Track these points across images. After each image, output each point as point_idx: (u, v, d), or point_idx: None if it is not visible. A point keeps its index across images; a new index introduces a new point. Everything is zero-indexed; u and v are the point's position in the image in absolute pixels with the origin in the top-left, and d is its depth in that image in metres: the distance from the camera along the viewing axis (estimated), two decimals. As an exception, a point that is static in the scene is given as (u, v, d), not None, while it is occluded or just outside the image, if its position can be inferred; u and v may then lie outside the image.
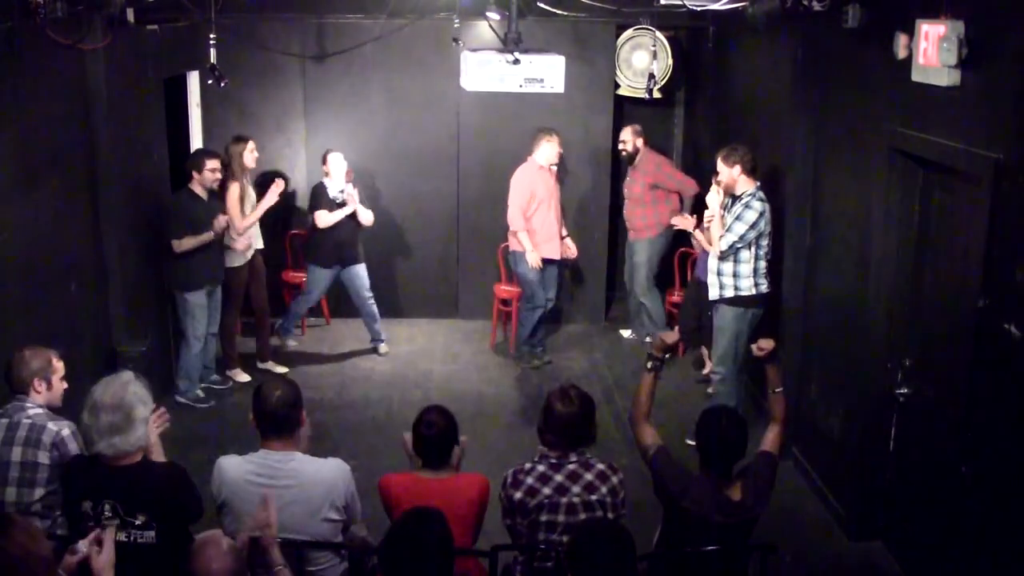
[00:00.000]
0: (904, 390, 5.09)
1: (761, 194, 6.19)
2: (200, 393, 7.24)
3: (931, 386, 4.88)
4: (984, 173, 4.10)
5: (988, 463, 4.13)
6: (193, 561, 3.05)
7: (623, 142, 8.21)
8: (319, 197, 7.79)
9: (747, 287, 6.22)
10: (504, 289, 8.43)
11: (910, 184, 5.02)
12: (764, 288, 6.26)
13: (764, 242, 6.20)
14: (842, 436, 5.67)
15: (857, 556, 5.39)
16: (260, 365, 7.84)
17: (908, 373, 5.08)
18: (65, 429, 3.92)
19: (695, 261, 7.64)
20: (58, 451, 3.91)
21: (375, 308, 8.14)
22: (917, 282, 5.06)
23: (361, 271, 8.01)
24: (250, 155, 7.47)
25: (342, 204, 7.74)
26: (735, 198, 6.27)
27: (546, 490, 3.82)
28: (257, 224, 7.59)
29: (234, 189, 7.38)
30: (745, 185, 6.22)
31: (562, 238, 7.96)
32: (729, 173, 6.22)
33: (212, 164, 6.97)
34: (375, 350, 8.25)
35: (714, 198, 6.39)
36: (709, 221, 6.43)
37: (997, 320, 3.98)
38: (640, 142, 8.15)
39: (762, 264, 6.23)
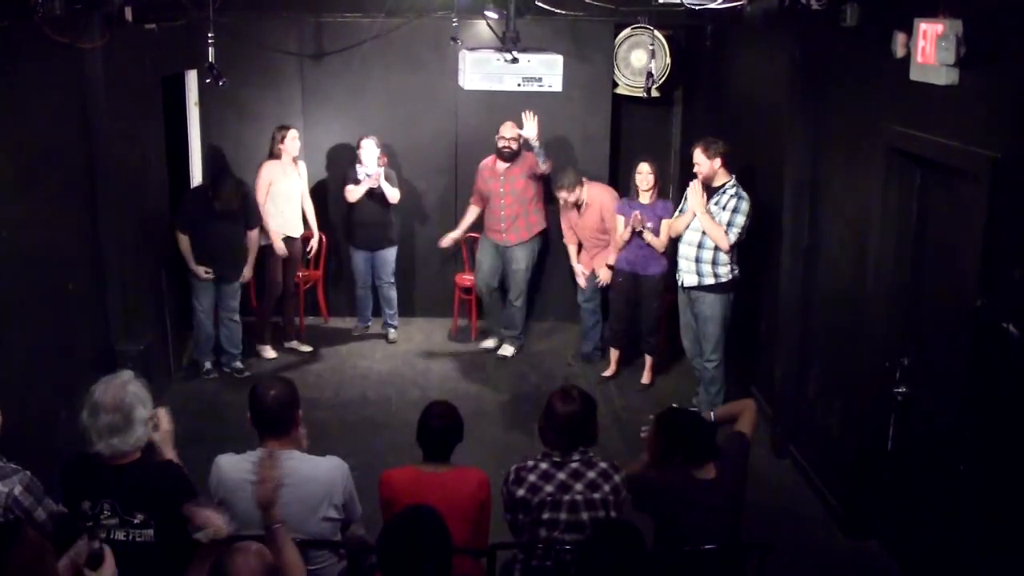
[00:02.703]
0: (902, 389, 5.09)
1: (739, 185, 6.53)
2: (208, 365, 7.60)
3: (929, 385, 4.89)
4: (982, 172, 4.11)
5: (986, 462, 4.13)
6: (223, 570, 3.02)
7: (510, 139, 7.78)
8: (347, 177, 8.03)
9: (725, 273, 6.58)
10: (466, 278, 8.55)
11: (908, 183, 5.02)
12: (737, 272, 6.61)
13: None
14: (840, 435, 5.67)
15: (855, 555, 5.39)
16: (286, 344, 8.18)
17: (906, 372, 5.08)
18: (16, 487, 3.56)
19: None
20: (12, 513, 3.60)
21: (392, 292, 8.29)
22: (915, 281, 5.06)
23: (387, 255, 8.15)
24: (292, 142, 7.77)
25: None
26: (713, 190, 6.53)
27: (548, 488, 3.83)
28: (298, 213, 7.94)
29: (264, 173, 7.75)
30: (723, 176, 6.53)
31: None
32: (710, 165, 6.49)
33: (226, 194, 7.19)
34: (385, 336, 8.43)
35: (695, 194, 6.54)
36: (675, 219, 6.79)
37: (995, 319, 3.98)
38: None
39: (735, 250, 6.55)
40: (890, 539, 5.32)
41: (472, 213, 8.22)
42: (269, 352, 8.05)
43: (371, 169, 7.84)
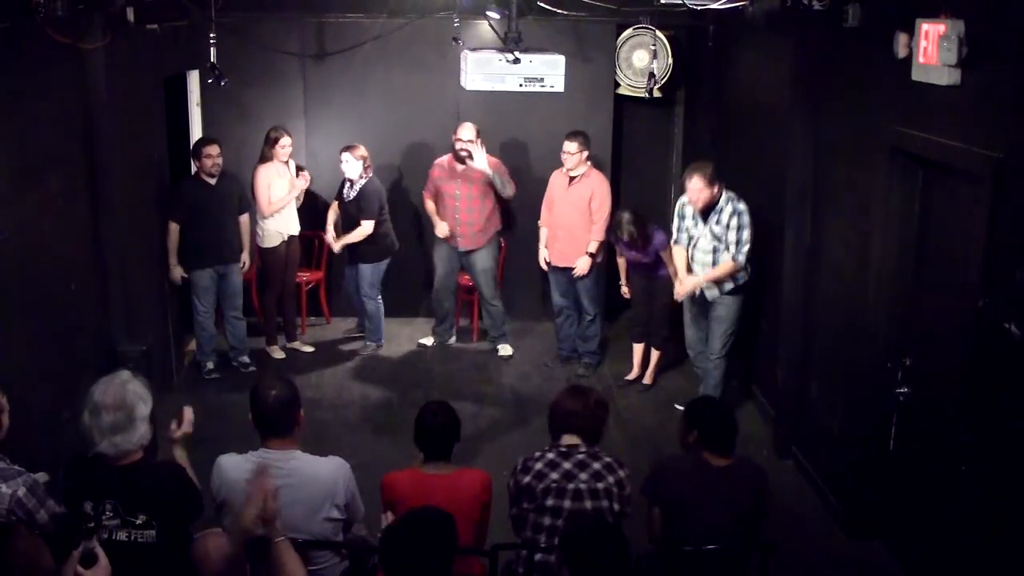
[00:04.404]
0: (904, 389, 5.09)
1: (731, 192, 6.47)
2: (210, 365, 7.61)
3: (931, 385, 4.89)
4: (984, 172, 4.10)
5: (987, 462, 4.13)
6: (192, 552, 3.04)
7: (467, 142, 7.68)
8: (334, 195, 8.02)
9: (742, 276, 6.60)
10: (467, 278, 8.48)
11: (910, 183, 5.02)
12: (751, 271, 6.62)
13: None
14: (842, 435, 5.67)
15: (857, 555, 5.39)
16: (287, 345, 8.18)
17: (908, 372, 5.08)
18: (20, 488, 3.55)
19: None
20: (16, 515, 3.58)
21: (370, 306, 8.15)
22: (917, 281, 5.06)
23: (362, 270, 8.03)
24: (281, 149, 7.70)
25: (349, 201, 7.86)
26: (711, 208, 6.46)
27: (554, 475, 3.89)
28: (294, 211, 7.86)
29: (262, 175, 7.67)
30: (719, 193, 6.48)
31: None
32: (711, 193, 6.41)
33: (209, 151, 7.26)
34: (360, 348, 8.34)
35: (691, 285, 6.65)
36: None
37: (997, 319, 3.98)
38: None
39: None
40: (892, 539, 5.31)
41: (431, 206, 8.01)
42: (277, 352, 8.06)
43: (353, 175, 7.74)
